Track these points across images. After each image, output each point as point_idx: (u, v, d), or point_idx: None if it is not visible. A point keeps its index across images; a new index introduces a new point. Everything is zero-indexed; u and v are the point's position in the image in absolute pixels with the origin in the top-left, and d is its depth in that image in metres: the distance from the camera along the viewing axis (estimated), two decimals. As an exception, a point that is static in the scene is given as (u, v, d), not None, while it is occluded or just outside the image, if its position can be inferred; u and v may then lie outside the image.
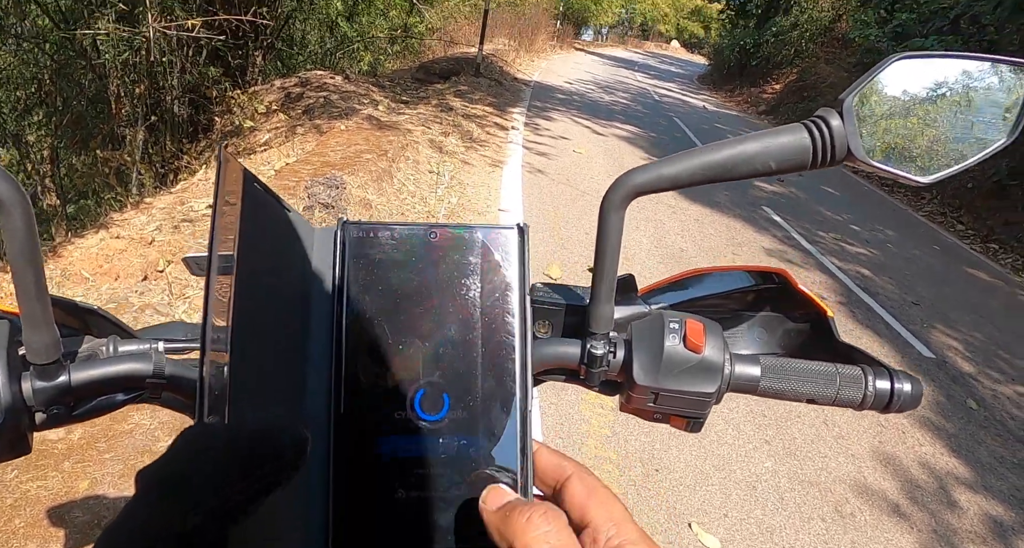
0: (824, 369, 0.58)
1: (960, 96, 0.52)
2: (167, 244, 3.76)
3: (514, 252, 0.42)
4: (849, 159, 0.50)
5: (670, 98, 16.98)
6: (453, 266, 0.41)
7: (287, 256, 0.41)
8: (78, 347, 0.60)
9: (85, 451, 2.20)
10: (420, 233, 0.42)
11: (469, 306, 0.41)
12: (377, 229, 0.42)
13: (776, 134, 0.51)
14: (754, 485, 2.76)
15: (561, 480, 0.38)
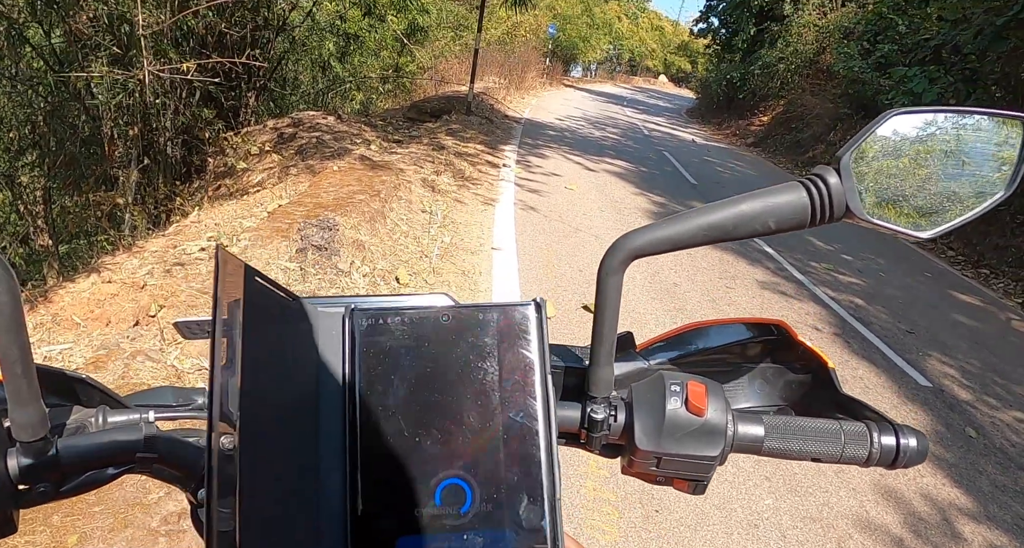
0: (828, 427, 0.57)
1: (959, 149, 0.52)
2: (159, 288, 3.74)
3: (533, 329, 0.41)
4: (848, 216, 0.50)
5: (659, 132, 17.17)
6: (468, 349, 0.39)
7: (294, 348, 0.39)
8: (66, 419, 0.58)
9: (74, 504, 2.16)
10: (432, 316, 0.40)
11: (488, 391, 0.39)
12: (386, 315, 0.40)
13: (774, 194, 0.51)
14: (756, 524, 2.73)
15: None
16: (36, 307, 3.60)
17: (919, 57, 12.13)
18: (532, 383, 0.39)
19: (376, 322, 0.40)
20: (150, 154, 8.19)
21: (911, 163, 0.52)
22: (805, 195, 0.50)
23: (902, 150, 0.52)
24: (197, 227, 4.99)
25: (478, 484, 0.38)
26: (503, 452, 0.38)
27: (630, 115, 20.91)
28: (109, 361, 2.93)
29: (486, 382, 0.39)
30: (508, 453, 0.38)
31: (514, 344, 0.40)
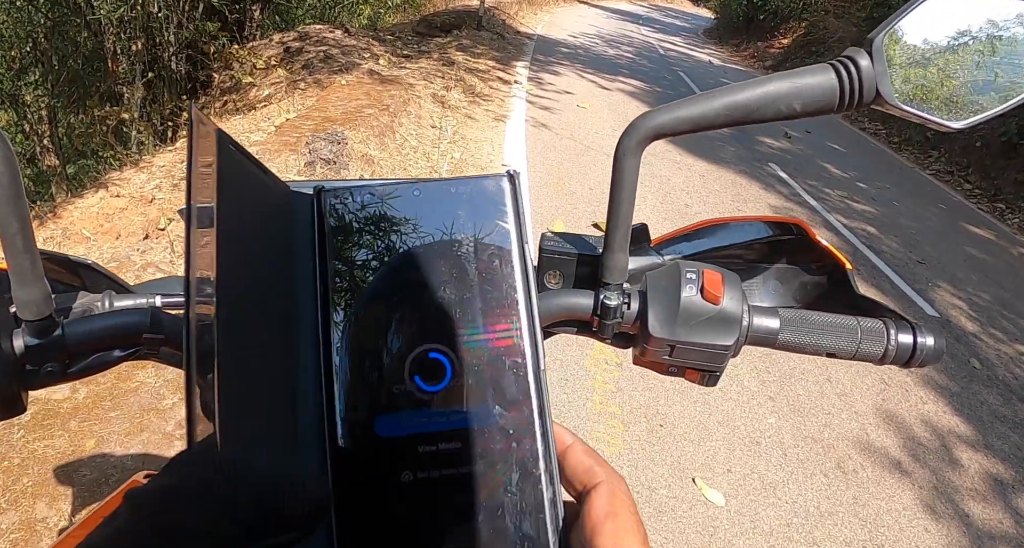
0: (845, 322, 0.56)
1: (997, 36, 0.49)
2: (168, 202, 3.73)
3: (507, 202, 0.39)
4: (878, 102, 0.47)
5: (675, 52, 16.67)
6: (442, 223, 0.38)
7: (266, 221, 0.37)
8: (72, 303, 0.58)
9: (91, 410, 2.21)
10: (403, 191, 0.38)
11: (464, 264, 0.37)
12: (355, 191, 0.39)
13: (801, 75, 0.48)
14: (758, 441, 2.78)
15: (589, 486, 0.35)
16: (45, 222, 3.60)
17: (952, -23, 11.58)
18: (509, 253, 0.38)
19: (345, 200, 0.39)
20: (154, 69, 8.02)
21: (946, 49, 0.49)
22: (834, 77, 0.47)
23: (937, 35, 0.49)
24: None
25: (457, 357, 0.36)
26: (482, 324, 0.37)
27: (645, 34, 20.25)
28: (120, 273, 2.95)
29: (461, 255, 0.38)
30: (487, 325, 0.37)
31: (489, 216, 0.38)
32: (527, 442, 0.36)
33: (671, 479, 2.48)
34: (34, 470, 1.99)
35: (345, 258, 0.37)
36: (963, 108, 0.50)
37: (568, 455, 0.37)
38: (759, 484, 2.54)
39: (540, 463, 0.36)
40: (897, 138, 9.81)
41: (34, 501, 1.91)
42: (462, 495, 0.35)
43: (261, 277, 0.34)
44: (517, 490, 0.35)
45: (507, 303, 0.37)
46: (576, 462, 0.36)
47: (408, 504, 0.34)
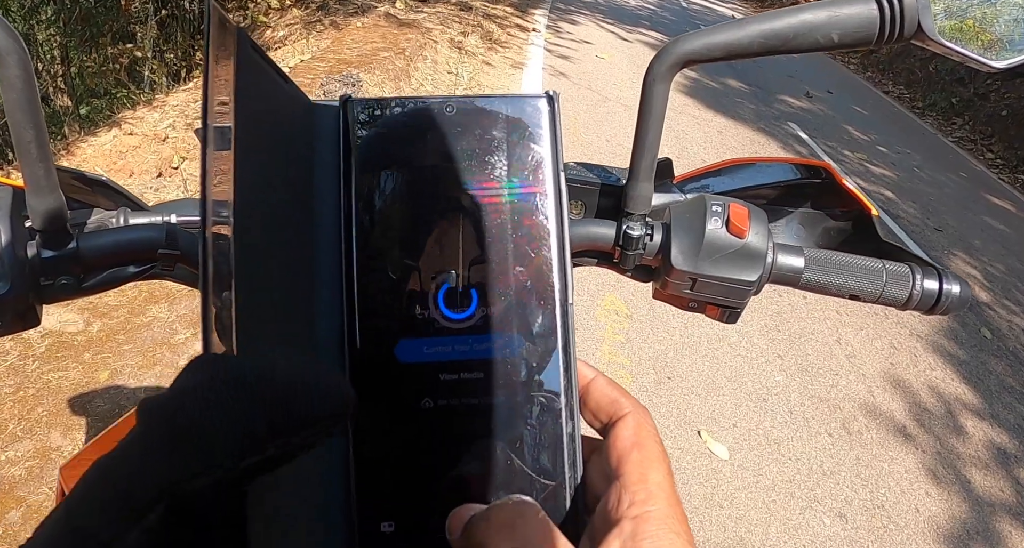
0: (870, 264, 0.55)
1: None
2: (181, 141, 3.70)
3: (544, 124, 0.37)
4: (919, 37, 0.46)
5: (698, 5, 16.25)
6: (475, 143, 0.36)
7: (287, 134, 0.35)
8: (87, 218, 0.57)
9: (105, 343, 2.23)
10: (435, 107, 0.36)
11: (495, 187, 0.36)
12: (385, 105, 0.36)
13: (841, 4, 0.46)
14: (764, 398, 2.79)
15: (615, 418, 0.34)
16: (59, 159, 3.59)
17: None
18: (543, 180, 0.36)
19: (374, 113, 0.36)
20: (167, 7, 7.89)
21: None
22: (875, 7, 0.46)
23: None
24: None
25: (483, 285, 0.35)
26: (510, 252, 0.35)
27: (669, -13, 19.75)
28: (133, 208, 2.95)
29: (494, 178, 0.36)
30: (516, 253, 0.35)
31: (524, 138, 0.36)
32: (550, 375, 0.35)
33: (676, 431, 2.50)
34: (48, 400, 2.02)
35: (371, 173, 0.35)
36: (1006, 47, 0.49)
37: (591, 388, 0.36)
38: (764, 440, 2.56)
39: (562, 397, 0.35)
40: (921, 103, 9.62)
41: (48, 430, 1.94)
42: (481, 425, 0.34)
43: (280, 193, 0.33)
44: (537, 423, 0.34)
45: (539, 232, 0.36)
46: (600, 394, 0.36)
47: (426, 430, 0.34)
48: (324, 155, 0.36)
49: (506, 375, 0.34)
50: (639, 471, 0.31)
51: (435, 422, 0.34)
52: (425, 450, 0.34)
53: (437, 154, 0.36)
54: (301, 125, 0.37)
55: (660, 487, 0.30)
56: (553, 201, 0.36)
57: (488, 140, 0.36)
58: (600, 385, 0.36)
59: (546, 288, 0.35)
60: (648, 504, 0.29)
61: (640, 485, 0.30)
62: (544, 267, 0.35)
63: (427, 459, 0.33)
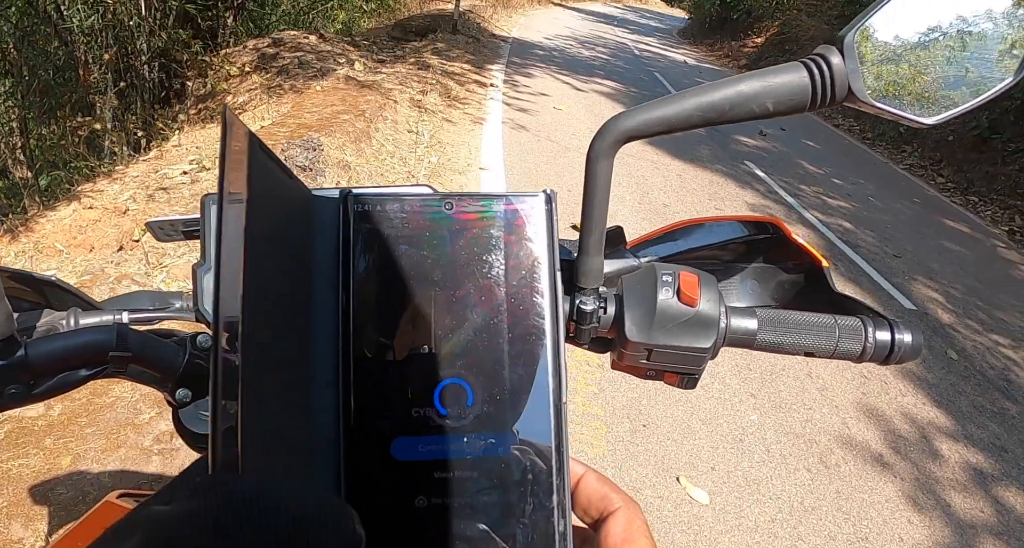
0: (822, 321, 0.55)
1: (967, 31, 0.49)
2: (142, 213, 3.68)
3: (542, 223, 0.38)
4: (850, 99, 0.47)
5: (650, 53, 16.77)
6: (473, 242, 0.37)
7: (289, 228, 0.35)
8: (36, 321, 0.56)
9: (66, 426, 2.17)
10: (434, 205, 0.37)
11: (493, 286, 0.36)
12: (385, 201, 0.37)
13: (774, 73, 0.48)
14: (741, 438, 2.80)
15: (605, 513, 0.35)
16: (18, 236, 3.54)
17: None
18: (540, 279, 0.37)
19: (374, 208, 0.37)
20: (127, 78, 7.92)
21: (917, 45, 0.50)
22: (806, 76, 0.47)
23: (907, 31, 0.49)
24: (178, 151, 4.88)
25: (480, 385, 0.36)
26: (507, 352, 0.36)
27: (620, 35, 20.34)
28: (94, 286, 2.90)
29: (491, 277, 0.36)
30: (513, 353, 0.36)
31: (521, 237, 0.37)
32: (543, 475, 0.35)
33: (656, 479, 2.48)
34: (8, 490, 1.95)
35: (369, 270, 0.36)
36: (935, 104, 0.50)
37: (582, 484, 0.37)
38: (743, 481, 2.56)
39: (554, 496, 0.35)
40: (871, 134, 9.93)
41: (9, 521, 1.87)
42: (474, 524, 0.34)
43: (282, 292, 0.33)
44: (529, 521, 0.34)
45: (535, 333, 0.36)
46: (591, 490, 0.36)
47: (421, 530, 0.34)
48: (323, 248, 0.37)
49: (500, 474, 0.35)
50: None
51: (429, 521, 0.34)
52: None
53: (436, 254, 0.36)
54: (302, 218, 0.37)
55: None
56: (549, 301, 0.37)
57: (486, 239, 0.37)
58: (590, 481, 0.37)
59: (541, 388, 0.36)
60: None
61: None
62: (539, 367, 0.36)
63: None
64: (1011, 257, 5.97)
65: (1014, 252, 6.12)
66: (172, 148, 5.01)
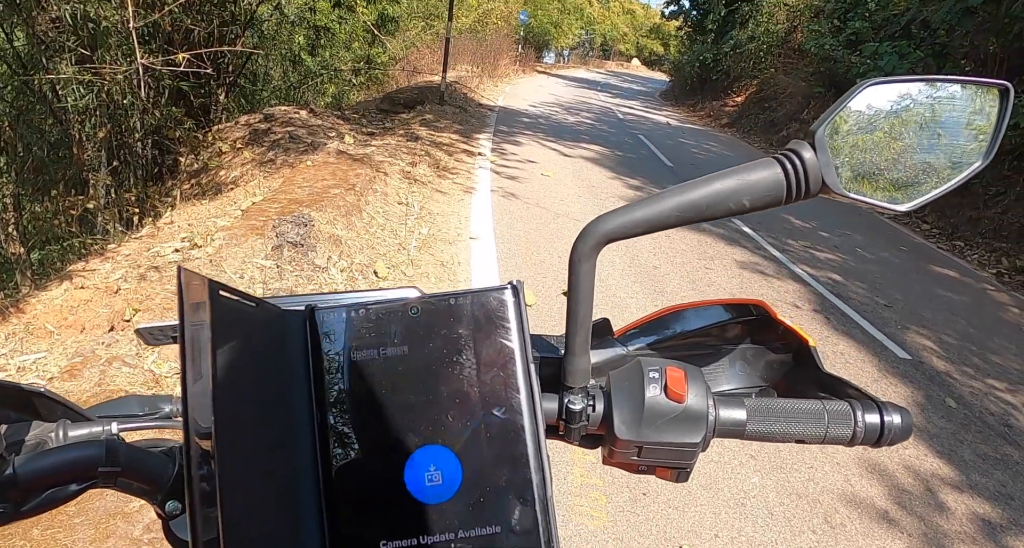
0: (811, 407, 0.56)
1: (934, 119, 0.51)
2: (134, 292, 3.68)
3: (511, 316, 0.39)
4: (824, 191, 0.49)
5: (634, 116, 17.18)
6: (442, 343, 0.37)
7: (262, 353, 0.36)
8: (24, 435, 0.56)
9: (54, 517, 2.12)
10: (398, 309, 0.38)
11: (466, 387, 0.37)
12: (349, 311, 0.38)
13: (749, 171, 0.50)
14: (742, 502, 2.75)
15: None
16: (8, 317, 3.53)
17: (889, 33, 12.23)
18: (514, 374, 0.37)
19: (338, 319, 0.38)
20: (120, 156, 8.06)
21: (886, 135, 0.51)
22: (780, 171, 0.49)
23: (877, 122, 0.51)
24: (170, 228, 4.92)
25: (464, 486, 0.36)
26: (487, 452, 0.36)
27: (604, 99, 20.89)
28: (85, 368, 2.88)
29: (463, 377, 0.37)
30: (493, 453, 0.36)
31: (491, 333, 0.38)
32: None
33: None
34: (-6, 586, 1.89)
35: (339, 381, 0.36)
36: (907, 190, 0.51)
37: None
38: (747, 546, 2.50)
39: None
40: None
41: (-6, 620, 1.81)
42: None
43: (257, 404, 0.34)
44: None
45: (513, 431, 0.36)
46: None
47: None
48: (295, 358, 0.38)
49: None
50: None
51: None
52: None
53: (405, 359, 0.36)
54: (273, 336, 0.38)
55: None
56: (525, 395, 0.37)
57: (455, 339, 0.37)
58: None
59: (525, 485, 0.36)
60: None
61: None
62: (521, 465, 0.36)
63: None
64: (1001, 299, 6.00)
65: (1004, 294, 6.17)
66: (164, 225, 5.05)
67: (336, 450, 0.35)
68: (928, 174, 0.51)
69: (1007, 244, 7.43)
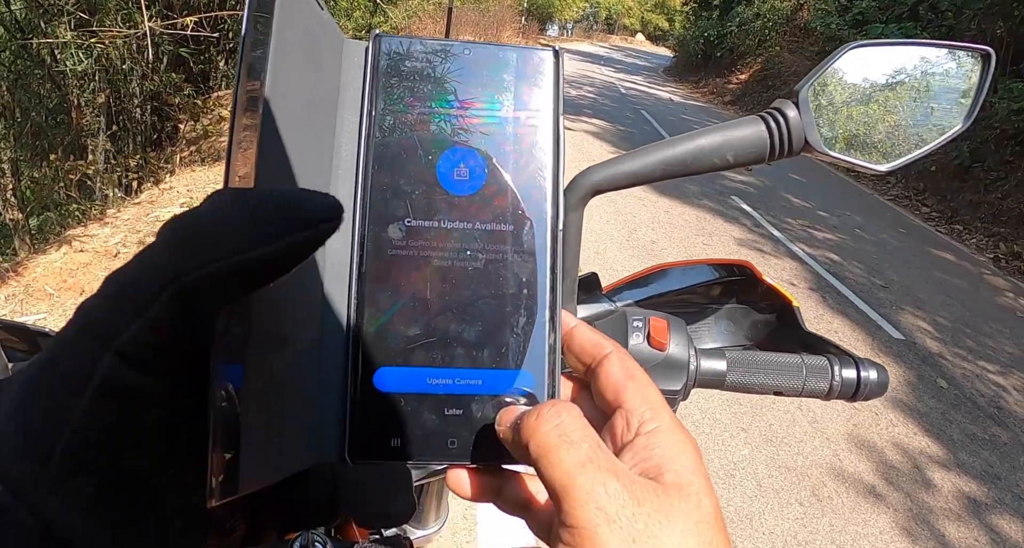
0: (790, 361, 0.58)
1: (916, 82, 0.52)
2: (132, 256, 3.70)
3: (549, 74, 0.40)
4: (807, 150, 0.50)
5: (636, 91, 17.06)
6: (488, 81, 0.39)
7: (319, 65, 0.38)
8: None
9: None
10: (454, 48, 0.40)
11: (502, 121, 0.39)
12: (410, 42, 0.40)
13: (733, 127, 0.51)
14: (732, 473, 2.79)
15: (598, 358, 0.36)
16: (7, 280, 3.55)
17: (896, 14, 12.11)
18: (545, 124, 0.39)
19: (399, 48, 0.39)
20: (119, 121, 8.00)
21: (869, 97, 0.53)
22: (764, 128, 0.50)
23: (860, 85, 0.52)
24: (169, 194, 4.92)
25: (485, 184, 0.38)
26: (511, 179, 0.38)
27: (607, 74, 20.71)
28: (84, 329, 2.91)
29: (501, 114, 0.39)
30: (517, 181, 0.38)
31: (531, 84, 0.40)
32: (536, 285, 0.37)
33: (648, 515, 2.47)
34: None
35: (394, 101, 0.38)
36: (887, 152, 0.53)
37: (575, 333, 0.38)
38: (736, 516, 2.55)
39: (546, 312, 0.37)
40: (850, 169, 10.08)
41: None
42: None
43: (305, 125, 0.35)
44: (522, 333, 0.37)
45: (537, 169, 0.39)
46: (583, 338, 0.37)
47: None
48: (351, 87, 0.39)
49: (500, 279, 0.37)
50: (639, 396, 0.33)
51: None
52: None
53: (454, 87, 0.39)
54: (332, 53, 0.39)
55: (661, 405, 0.33)
56: (551, 145, 0.39)
57: (499, 81, 0.39)
58: (582, 329, 0.38)
59: (540, 215, 0.38)
60: (655, 421, 0.32)
61: (644, 406, 0.33)
62: (538, 196, 0.38)
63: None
64: (997, 284, 6.03)
65: (1000, 279, 6.19)
66: (163, 191, 5.05)
67: (376, 174, 0.37)
68: (909, 136, 0.53)
69: (1006, 229, 7.44)
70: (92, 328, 0.22)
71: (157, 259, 0.23)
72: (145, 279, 0.23)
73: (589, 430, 0.30)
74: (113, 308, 0.23)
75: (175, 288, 0.22)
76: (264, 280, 0.24)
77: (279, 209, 0.24)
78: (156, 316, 0.22)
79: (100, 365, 0.22)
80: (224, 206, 0.24)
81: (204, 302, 0.23)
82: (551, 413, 0.30)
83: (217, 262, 0.22)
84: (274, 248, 0.23)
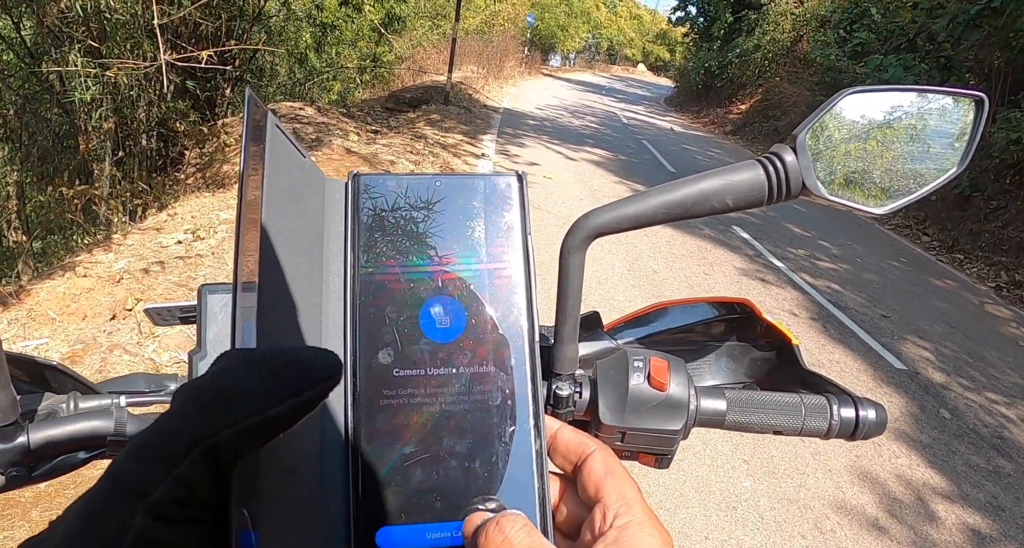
0: (789, 400, 0.58)
1: (910, 127, 0.53)
2: (135, 282, 3.71)
3: (515, 197, 0.44)
4: (804, 193, 0.51)
5: (638, 121, 17.21)
6: (458, 210, 0.43)
7: (305, 203, 0.41)
8: (37, 405, 0.59)
9: (53, 499, 2.15)
10: (426, 182, 0.43)
11: (475, 246, 0.42)
12: (386, 179, 0.43)
13: (732, 172, 0.52)
14: (734, 506, 2.77)
15: (583, 456, 0.40)
16: (10, 305, 3.55)
17: (894, 45, 12.26)
18: (515, 241, 0.43)
19: (376, 184, 0.43)
20: (125, 147, 8.08)
21: (865, 141, 0.54)
22: (762, 173, 0.51)
23: (856, 128, 0.53)
24: (173, 220, 4.95)
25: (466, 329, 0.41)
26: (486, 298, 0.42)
27: (609, 104, 20.92)
28: (86, 355, 2.91)
29: (473, 239, 0.42)
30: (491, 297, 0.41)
31: (499, 208, 0.44)
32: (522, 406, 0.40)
33: (650, 548, 2.44)
34: (-9, 567, 1.91)
35: (372, 234, 0.41)
36: (884, 194, 0.54)
37: (559, 435, 0.42)
38: (738, 549, 2.52)
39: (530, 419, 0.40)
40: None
41: (-9, 600, 1.83)
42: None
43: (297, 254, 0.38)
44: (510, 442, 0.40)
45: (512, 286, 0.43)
46: (567, 439, 0.42)
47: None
48: (333, 220, 0.43)
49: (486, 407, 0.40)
50: (616, 492, 0.37)
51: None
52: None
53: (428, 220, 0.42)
54: (315, 194, 0.42)
55: (635, 501, 0.37)
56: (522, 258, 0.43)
57: (469, 209, 0.43)
58: (566, 431, 0.42)
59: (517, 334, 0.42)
60: (627, 516, 0.35)
61: (619, 502, 0.36)
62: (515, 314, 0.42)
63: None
64: (999, 313, 6.02)
65: (1001, 308, 6.19)
66: (167, 217, 5.08)
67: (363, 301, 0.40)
68: (905, 179, 0.54)
69: (1007, 258, 7.45)
70: (124, 487, 0.24)
71: (184, 421, 0.25)
72: (174, 439, 0.25)
73: (534, 539, 0.33)
74: (145, 466, 0.24)
75: (205, 445, 0.25)
76: (277, 433, 0.27)
77: (288, 368, 0.28)
78: (185, 473, 0.24)
79: (133, 522, 0.23)
80: (238, 370, 0.27)
81: (227, 455, 0.25)
82: (507, 523, 0.34)
83: (245, 421, 0.25)
84: (288, 406, 0.27)
